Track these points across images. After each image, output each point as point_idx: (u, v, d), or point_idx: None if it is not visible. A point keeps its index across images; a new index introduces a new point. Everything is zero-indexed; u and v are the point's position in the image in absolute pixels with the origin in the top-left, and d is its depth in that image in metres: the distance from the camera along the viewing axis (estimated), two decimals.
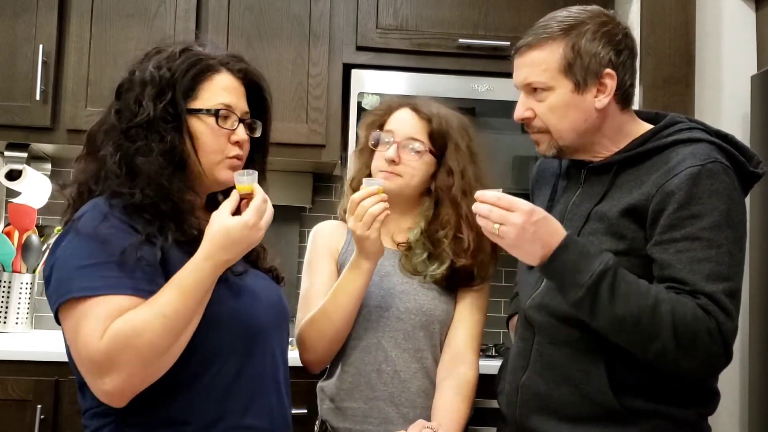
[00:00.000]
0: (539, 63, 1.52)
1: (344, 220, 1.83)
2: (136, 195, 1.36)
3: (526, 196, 1.52)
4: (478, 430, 1.78)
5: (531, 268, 1.63)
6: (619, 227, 1.47)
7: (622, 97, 1.55)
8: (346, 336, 1.75)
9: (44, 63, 2.52)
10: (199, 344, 1.34)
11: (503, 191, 1.43)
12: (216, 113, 1.44)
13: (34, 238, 2.65)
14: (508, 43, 2.60)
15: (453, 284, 1.80)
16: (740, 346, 2.46)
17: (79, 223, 1.34)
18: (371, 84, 2.60)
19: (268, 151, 1.60)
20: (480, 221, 1.44)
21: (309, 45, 2.64)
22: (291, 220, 2.93)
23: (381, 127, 1.84)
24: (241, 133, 1.47)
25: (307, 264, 1.88)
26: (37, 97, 2.51)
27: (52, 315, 1.36)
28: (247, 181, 1.39)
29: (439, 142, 1.79)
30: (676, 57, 2.48)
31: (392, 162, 1.76)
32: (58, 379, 2.22)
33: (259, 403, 1.42)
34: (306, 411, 2.14)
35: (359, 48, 2.67)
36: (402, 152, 1.77)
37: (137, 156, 1.38)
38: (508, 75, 1.59)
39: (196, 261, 1.32)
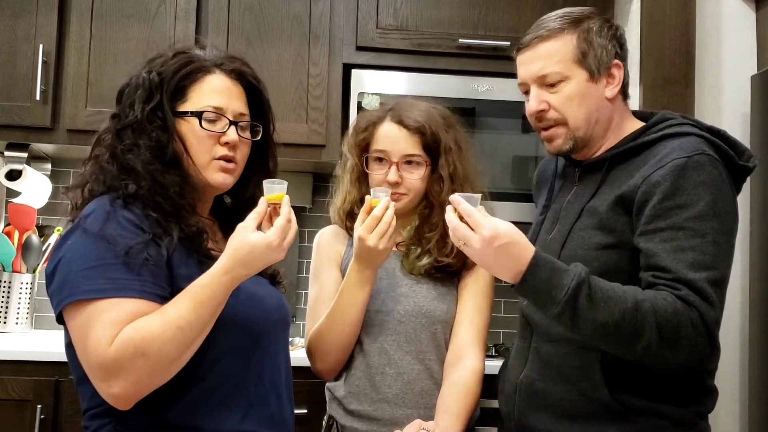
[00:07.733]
0: (553, 54, 1.54)
1: (340, 225, 1.87)
2: (130, 186, 1.37)
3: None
4: (479, 430, 1.79)
5: None
6: (609, 221, 1.48)
7: (623, 90, 1.60)
8: (354, 343, 1.76)
9: (44, 63, 2.52)
10: (203, 349, 1.33)
11: (484, 194, 1.44)
12: (200, 115, 1.44)
13: (34, 238, 2.65)
14: (508, 43, 2.61)
15: (446, 276, 1.80)
16: (740, 346, 2.46)
17: (86, 222, 1.33)
18: (371, 84, 2.60)
19: (274, 155, 1.60)
20: (450, 230, 1.43)
21: (309, 45, 2.64)
22: None
23: (368, 145, 1.82)
24: (232, 134, 1.47)
25: (313, 272, 1.89)
26: (37, 97, 2.51)
27: (52, 315, 1.35)
28: (277, 189, 1.42)
29: (433, 150, 1.78)
30: (676, 57, 2.49)
31: (395, 184, 1.76)
32: (58, 379, 2.22)
33: (258, 409, 1.42)
34: (306, 411, 2.15)
35: (359, 48, 2.67)
36: (402, 171, 1.77)
37: (125, 153, 1.40)
38: (508, 75, 1.59)
39: (215, 273, 1.32)
